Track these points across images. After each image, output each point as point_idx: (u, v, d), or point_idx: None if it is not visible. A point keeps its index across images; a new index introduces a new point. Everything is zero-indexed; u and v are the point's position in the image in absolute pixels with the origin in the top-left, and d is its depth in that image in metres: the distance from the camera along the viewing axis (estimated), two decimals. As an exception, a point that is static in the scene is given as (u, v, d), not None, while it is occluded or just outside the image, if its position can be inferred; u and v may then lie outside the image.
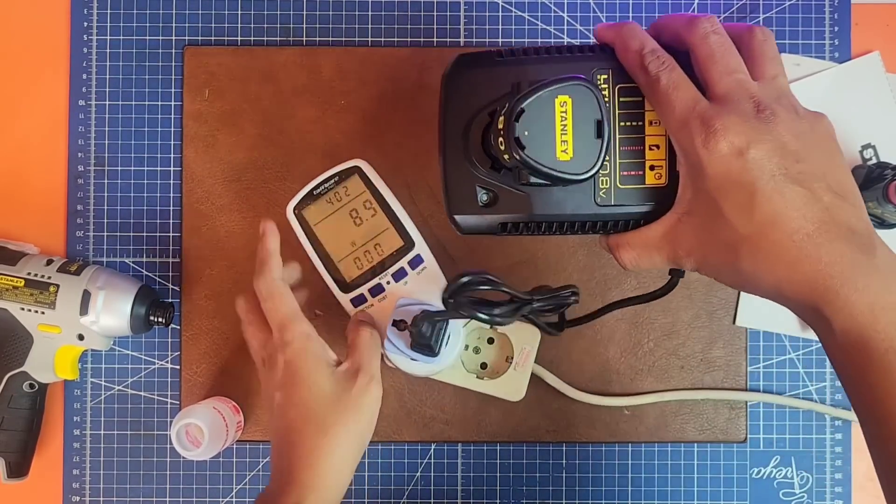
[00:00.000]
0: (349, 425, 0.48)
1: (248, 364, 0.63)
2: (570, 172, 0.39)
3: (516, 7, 0.65)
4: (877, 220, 0.60)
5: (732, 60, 0.39)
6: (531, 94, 0.38)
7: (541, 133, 0.39)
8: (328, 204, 0.55)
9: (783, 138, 0.37)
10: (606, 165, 0.42)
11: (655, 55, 0.40)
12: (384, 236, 0.55)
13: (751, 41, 0.40)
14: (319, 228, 0.55)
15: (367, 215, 0.55)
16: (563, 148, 0.39)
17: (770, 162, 0.37)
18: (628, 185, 0.42)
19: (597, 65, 0.42)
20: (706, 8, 0.65)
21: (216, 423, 0.58)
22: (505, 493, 0.64)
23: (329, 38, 0.65)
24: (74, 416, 0.64)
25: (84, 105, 0.64)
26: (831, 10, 0.64)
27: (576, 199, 0.43)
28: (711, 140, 0.37)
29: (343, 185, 0.55)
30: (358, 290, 0.55)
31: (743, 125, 0.37)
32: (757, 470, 0.63)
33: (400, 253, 0.54)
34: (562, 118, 0.39)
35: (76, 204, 0.64)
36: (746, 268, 0.38)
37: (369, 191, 0.55)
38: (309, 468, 0.46)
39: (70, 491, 0.63)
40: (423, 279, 0.54)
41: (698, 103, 0.38)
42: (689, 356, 0.63)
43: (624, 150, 0.42)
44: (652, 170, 0.42)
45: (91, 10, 0.64)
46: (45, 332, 0.59)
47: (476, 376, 0.59)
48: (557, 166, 0.39)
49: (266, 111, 0.64)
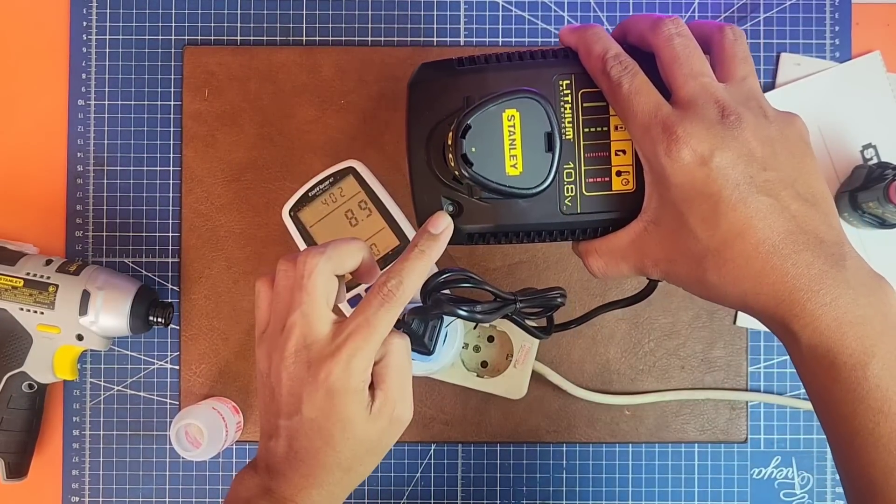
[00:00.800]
0: (374, 464, 0.43)
1: (248, 364, 0.63)
2: (520, 188, 0.38)
3: (516, 7, 0.65)
4: (877, 219, 0.60)
5: (697, 63, 0.37)
6: (476, 109, 0.38)
7: (489, 149, 0.38)
8: (324, 205, 0.56)
9: (749, 145, 0.36)
10: (571, 173, 0.41)
11: (618, 60, 0.38)
12: (380, 236, 0.55)
13: (721, 41, 0.39)
14: (315, 230, 0.56)
15: (362, 216, 0.55)
16: (513, 163, 0.38)
17: (735, 170, 0.36)
18: (595, 192, 0.41)
19: (559, 70, 0.41)
20: (706, 8, 0.64)
21: (216, 424, 0.58)
22: (505, 493, 0.64)
23: (329, 37, 0.65)
24: (74, 417, 0.63)
25: (83, 105, 0.64)
26: (832, 10, 0.64)
27: (541, 209, 0.41)
28: (674, 148, 0.36)
29: (338, 185, 0.56)
30: (355, 291, 0.55)
31: (706, 132, 0.36)
32: (758, 470, 0.63)
33: (397, 252, 0.55)
34: (510, 132, 0.38)
35: (75, 204, 0.64)
36: (712, 280, 0.37)
37: (364, 191, 0.56)
38: (306, 495, 0.41)
39: (69, 491, 0.63)
40: None
41: (660, 109, 0.37)
42: (689, 356, 0.63)
43: (589, 157, 0.41)
44: (619, 175, 0.41)
45: (90, 10, 0.64)
46: (45, 332, 0.59)
47: (476, 375, 0.59)
48: (507, 181, 0.38)
49: (265, 111, 0.64)
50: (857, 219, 0.61)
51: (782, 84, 0.64)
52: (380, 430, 0.41)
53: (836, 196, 0.63)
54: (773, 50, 0.64)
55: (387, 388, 0.40)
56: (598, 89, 0.40)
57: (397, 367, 0.41)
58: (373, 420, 0.40)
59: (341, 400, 0.39)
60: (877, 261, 0.62)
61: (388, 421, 0.41)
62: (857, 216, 0.60)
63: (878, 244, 0.63)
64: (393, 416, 0.41)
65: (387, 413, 0.40)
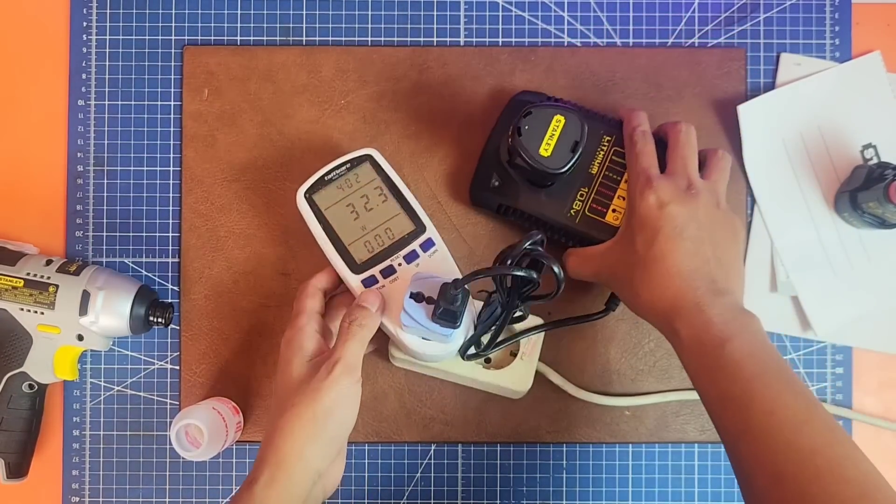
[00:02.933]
0: (303, 406, 0.48)
1: (248, 364, 0.63)
2: (544, 165, 0.54)
3: (516, 7, 0.65)
4: (877, 219, 0.60)
5: (689, 155, 0.55)
6: (541, 105, 0.55)
7: (535, 131, 0.54)
8: (339, 190, 0.56)
9: (697, 211, 0.52)
10: (583, 195, 0.57)
11: (643, 133, 0.56)
12: (395, 221, 0.55)
13: (714, 156, 0.56)
14: (330, 213, 0.56)
15: (377, 201, 0.56)
16: (546, 147, 0.54)
17: (678, 219, 0.51)
18: (592, 216, 0.57)
19: (608, 129, 0.58)
20: (707, 8, 0.64)
21: (216, 424, 0.58)
22: (505, 493, 0.64)
23: (329, 37, 0.65)
24: (74, 417, 0.63)
25: (83, 105, 0.64)
26: (832, 10, 0.64)
27: (554, 206, 0.58)
28: (647, 191, 0.53)
29: (354, 171, 0.56)
30: (369, 272, 0.55)
31: (672, 191, 0.52)
32: (757, 470, 0.63)
33: (411, 237, 0.55)
34: (553, 128, 0.54)
35: (76, 204, 0.64)
36: (636, 283, 0.52)
37: (380, 178, 0.56)
38: (271, 447, 0.48)
39: (69, 491, 0.63)
40: (435, 261, 0.55)
41: (652, 168, 0.54)
42: (689, 356, 0.63)
43: (599, 192, 0.57)
44: (613, 212, 0.57)
45: (90, 10, 0.64)
46: (45, 332, 0.59)
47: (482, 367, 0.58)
48: (537, 156, 0.54)
49: (266, 111, 0.64)
50: (857, 219, 0.61)
51: (782, 84, 0.64)
52: None
53: (836, 196, 0.63)
54: (773, 50, 0.64)
55: None
56: (624, 151, 0.57)
57: None
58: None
59: None
60: (877, 261, 0.63)
61: None
62: (857, 216, 0.60)
63: (878, 244, 0.63)
64: None
65: None
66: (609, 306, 0.61)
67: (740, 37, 0.65)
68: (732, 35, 0.65)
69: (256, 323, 0.63)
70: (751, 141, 0.63)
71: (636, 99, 0.64)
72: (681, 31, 0.65)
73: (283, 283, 0.63)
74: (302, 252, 0.63)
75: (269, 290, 0.63)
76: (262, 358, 0.63)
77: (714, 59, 0.64)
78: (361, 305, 0.52)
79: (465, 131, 0.64)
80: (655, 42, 0.65)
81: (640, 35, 0.65)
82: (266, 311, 0.63)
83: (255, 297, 0.63)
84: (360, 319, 0.51)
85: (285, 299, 0.63)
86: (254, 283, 0.63)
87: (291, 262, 0.63)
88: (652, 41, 0.65)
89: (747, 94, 0.64)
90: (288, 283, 0.63)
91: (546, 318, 0.60)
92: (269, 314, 0.63)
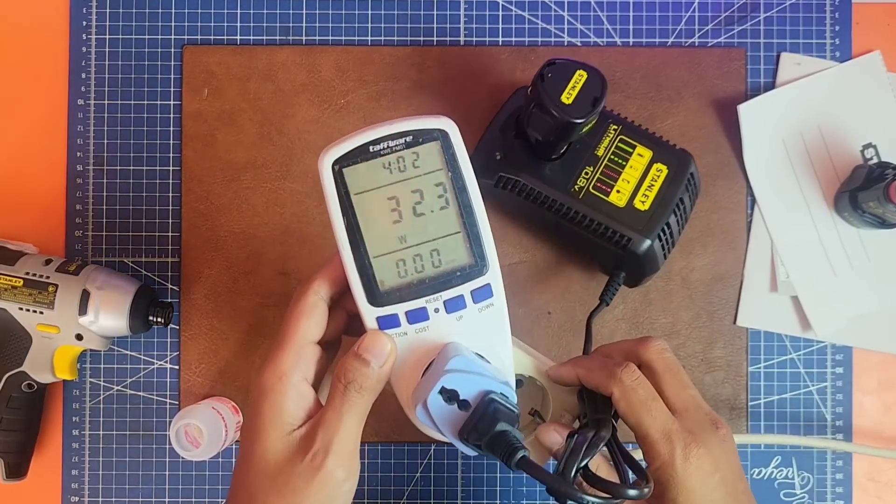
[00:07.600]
0: None
1: (248, 364, 0.63)
2: (564, 113, 0.52)
3: (516, 7, 0.65)
4: (877, 219, 0.60)
5: (686, 376, 0.43)
6: (567, 61, 0.53)
7: (558, 81, 0.53)
8: (384, 170, 0.38)
9: (732, 459, 0.41)
10: (588, 174, 0.57)
11: (639, 379, 0.42)
12: (449, 242, 0.38)
13: (658, 354, 0.44)
14: (361, 201, 0.38)
15: (434, 205, 0.38)
16: (568, 96, 0.52)
17: (733, 481, 0.40)
18: (596, 193, 0.57)
19: (614, 120, 0.58)
20: (707, 8, 0.64)
21: (215, 424, 0.58)
22: (505, 493, 0.64)
23: (328, 37, 0.64)
24: (73, 417, 0.63)
25: (83, 105, 0.64)
26: (832, 10, 0.64)
27: (556, 180, 0.57)
28: (690, 450, 0.39)
29: (414, 150, 0.38)
30: (391, 308, 0.38)
31: (715, 446, 0.40)
32: (758, 470, 0.63)
33: (464, 275, 0.39)
34: (576, 81, 0.53)
35: (75, 204, 0.64)
36: None
37: (449, 171, 0.38)
38: None
39: (69, 491, 0.63)
40: (485, 320, 0.39)
41: (674, 422, 0.40)
42: (689, 356, 0.63)
43: (605, 173, 0.57)
44: (618, 193, 0.57)
45: (90, 10, 0.64)
46: (44, 331, 0.58)
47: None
48: (559, 103, 0.52)
49: (265, 110, 0.64)
50: (857, 219, 0.61)
51: (782, 84, 0.64)
52: None
53: (836, 196, 0.63)
54: (773, 50, 0.64)
55: None
56: (633, 141, 0.58)
57: None
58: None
59: None
60: (877, 261, 0.63)
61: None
62: (857, 216, 0.60)
63: (878, 244, 0.63)
64: None
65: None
66: (603, 299, 0.58)
67: (740, 36, 0.65)
68: (732, 35, 0.65)
69: (256, 323, 0.63)
70: (751, 140, 0.63)
71: (636, 99, 0.64)
72: (681, 31, 0.65)
73: (283, 282, 0.63)
74: (301, 252, 0.63)
75: (269, 290, 0.63)
76: (261, 358, 0.63)
77: (714, 58, 0.64)
78: (362, 357, 0.38)
79: (465, 131, 0.63)
80: (655, 42, 0.65)
81: (639, 35, 0.65)
82: (265, 311, 0.63)
83: (255, 297, 0.63)
84: (358, 381, 0.38)
85: (285, 299, 0.63)
86: (253, 282, 0.63)
87: (291, 262, 0.63)
88: (652, 41, 0.65)
89: (747, 94, 0.64)
90: (287, 283, 0.63)
91: (546, 317, 0.60)
92: (269, 314, 0.63)
